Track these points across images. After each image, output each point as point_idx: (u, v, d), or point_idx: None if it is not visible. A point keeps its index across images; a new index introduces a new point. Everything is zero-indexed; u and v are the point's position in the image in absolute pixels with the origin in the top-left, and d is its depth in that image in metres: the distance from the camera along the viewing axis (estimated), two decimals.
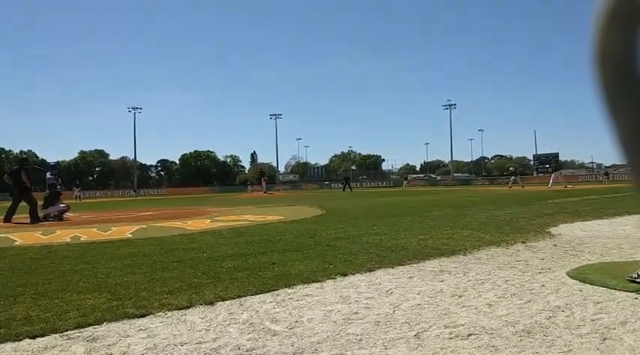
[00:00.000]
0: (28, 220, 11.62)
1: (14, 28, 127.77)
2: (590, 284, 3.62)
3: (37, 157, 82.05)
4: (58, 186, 13.62)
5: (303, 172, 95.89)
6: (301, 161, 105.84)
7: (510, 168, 38.75)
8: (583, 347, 2.35)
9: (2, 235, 8.64)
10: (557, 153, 74.01)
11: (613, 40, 0.47)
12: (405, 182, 51.38)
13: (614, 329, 2.60)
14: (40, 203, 12.44)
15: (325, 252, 5.53)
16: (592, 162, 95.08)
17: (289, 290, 3.73)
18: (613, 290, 3.41)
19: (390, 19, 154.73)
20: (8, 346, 2.58)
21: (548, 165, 56.00)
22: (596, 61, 0.49)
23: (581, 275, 3.91)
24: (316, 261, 4.90)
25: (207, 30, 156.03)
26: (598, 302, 3.13)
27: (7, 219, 11.77)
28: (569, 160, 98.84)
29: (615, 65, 0.48)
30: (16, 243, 7.45)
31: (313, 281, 4.00)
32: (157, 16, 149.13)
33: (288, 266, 4.69)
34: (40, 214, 12.02)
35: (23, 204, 12.03)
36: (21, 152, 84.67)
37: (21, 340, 2.66)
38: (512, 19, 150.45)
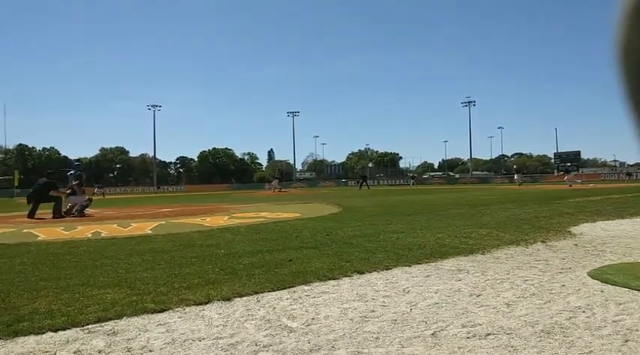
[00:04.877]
0: (51, 216, 11.87)
1: (36, 26, 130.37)
2: (612, 284, 3.55)
3: (60, 154, 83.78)
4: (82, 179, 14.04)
5: (320, 170, 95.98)
6: (318, 159, 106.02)
7: (514, 167, 43.79)
8: (604, 349, 2.31)
9: (25, 230, 8.85)
10: (579, 152, 72.58)
11: (637, 34, 0.46)
12: (412, 180, 53.81)
13: (637, 330, 2.55)
14: (67, 192, 12.82)
15: (342, 249, 5.53)
16: (614, 161, 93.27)
17: (306, 287, 3.74)
18: (636, 291, 3.33)
19: (409, 15, 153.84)
20: (31, 339, 2.64)
21: (569, 164, 55.11)
22: (620, 57, 0.48)
23: (603, 275, 3.84)
24: (333, 259, 4.90)
25: (225, 28, 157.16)
26: (620, 303, 3.07)
27: (31, 214, 12.05)
28: (591, 158, 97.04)
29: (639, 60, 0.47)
30: (39, 238, 7.61)
31: (330, 279, 4.01)
32: (176, 15, 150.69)
33: (305, 263, 4.70)
34: (65, 207, 12.33)
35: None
36: (44, 149, 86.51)
37: (43, 333, 2.72)
38: (532, 15, 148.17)
